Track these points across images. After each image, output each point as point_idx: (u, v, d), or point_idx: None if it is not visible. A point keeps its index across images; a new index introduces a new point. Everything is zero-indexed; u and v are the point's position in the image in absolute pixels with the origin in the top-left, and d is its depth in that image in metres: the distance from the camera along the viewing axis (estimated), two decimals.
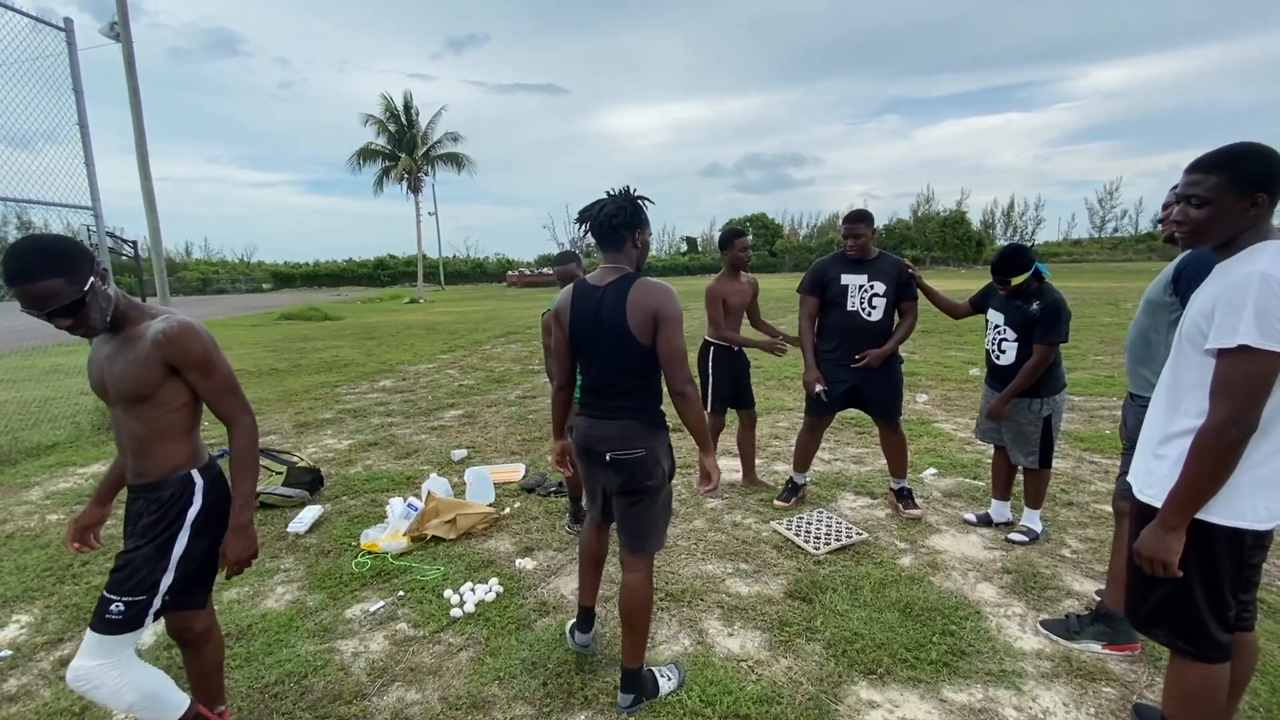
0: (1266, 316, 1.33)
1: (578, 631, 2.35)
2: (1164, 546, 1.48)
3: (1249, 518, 1.45)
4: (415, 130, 29.90)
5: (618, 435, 2.00)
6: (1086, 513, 3.54)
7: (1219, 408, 1.40)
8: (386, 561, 3.13)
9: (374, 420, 6.08)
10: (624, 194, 1.98)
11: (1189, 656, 1.57)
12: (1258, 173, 1.43)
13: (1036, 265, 2.97)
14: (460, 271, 53.24)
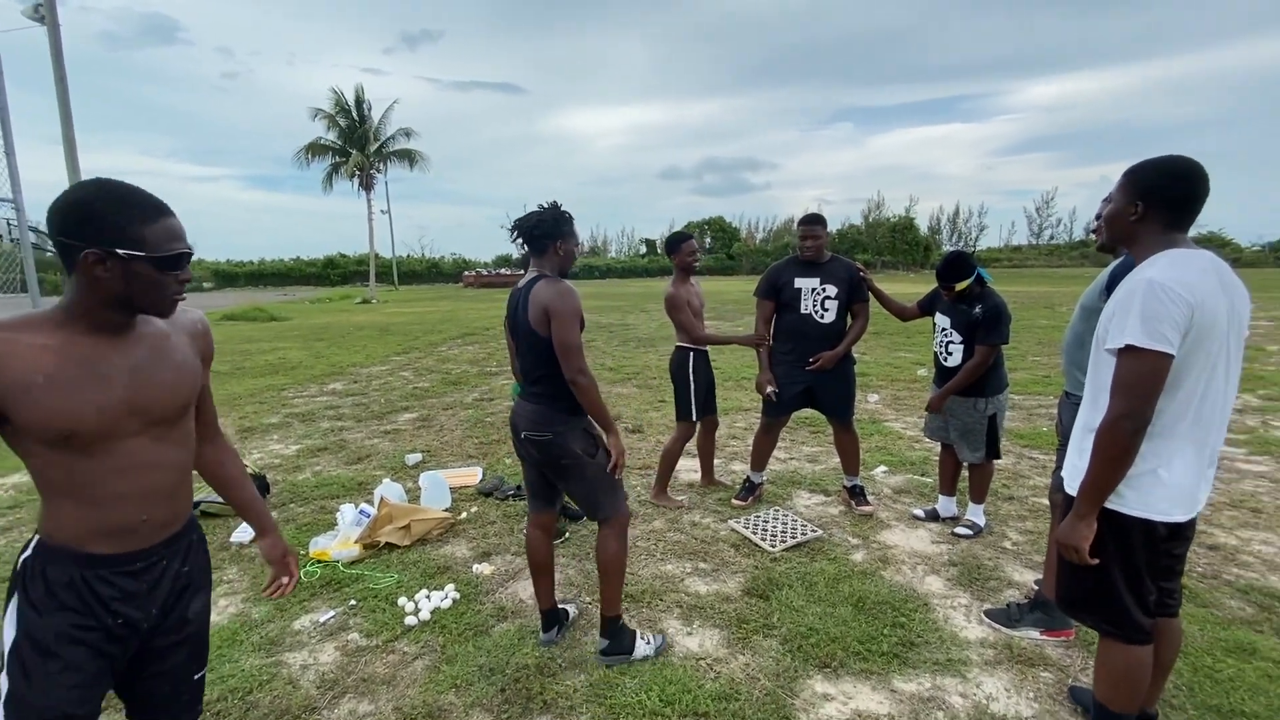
0: (1150, 319, 1.43)
1: (542, 633, 2.47)
2: (1075, 533, 1.59)
3: (1159, 511, 1.55)
4: (367, 125, 29.02)
5: (530, 417, 2.26)
6: (1025, 506, 3.71)
7: (1114, 404, 1.51)
8: (337, 570, 3.04)
9: (323, 424, 5.89)
10: (551, 207, 2.25)
11: (1115, 639, 1.67)
12: (1143, 183, 1.57)
13: (978, 271, 3.10)
14: (414, 271, 51.99)
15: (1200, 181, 1.55)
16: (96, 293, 1.13)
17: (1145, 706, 1.82)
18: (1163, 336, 1.43)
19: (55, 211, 1.10)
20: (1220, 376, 1.54)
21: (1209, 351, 1.49)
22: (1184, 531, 1.65)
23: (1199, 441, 1.56)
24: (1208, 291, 1.47)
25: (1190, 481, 1.57)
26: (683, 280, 3.72)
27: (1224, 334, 1.50)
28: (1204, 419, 1.55)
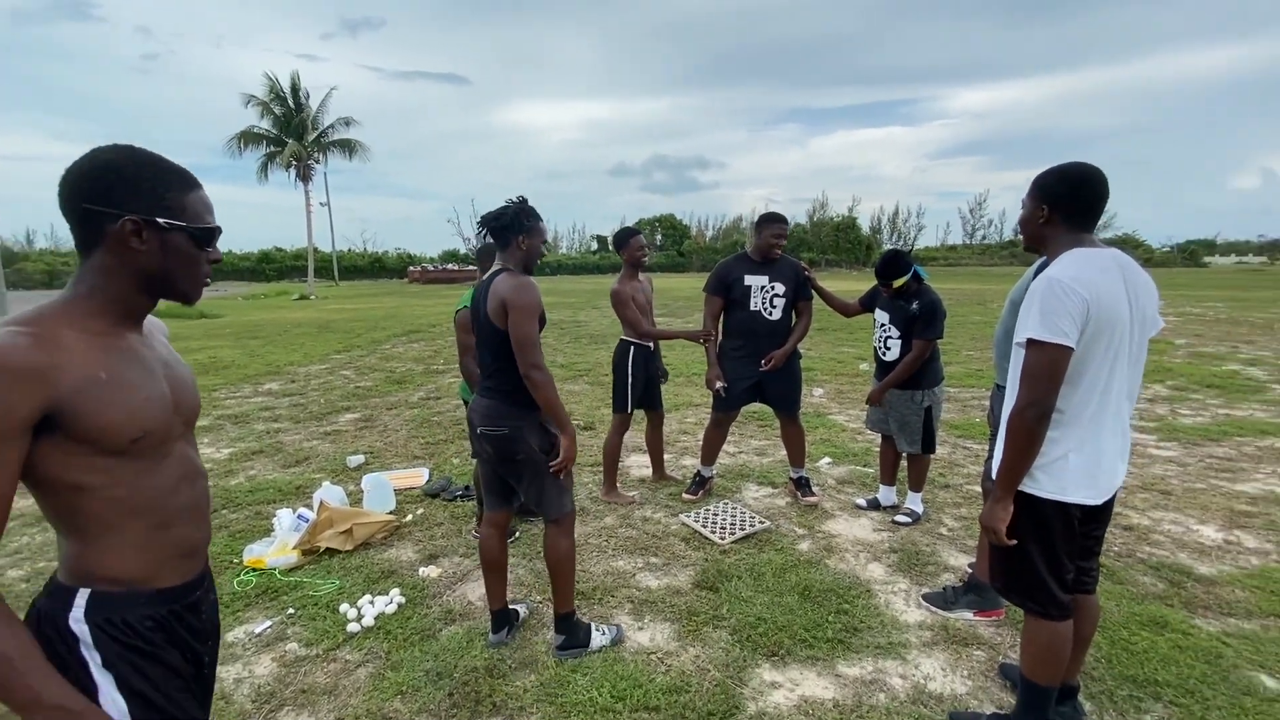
0: (1050, 313, 1.55)
1: (491, 634, 2.45)
2: (993, 516, 1.69)
3: (1072, 493, 1.66)
4: (304, 114, 27.76)
5: (486, 412, 2.25)
6: (960, 494, 3.89)
7: (1020, 393, 1.61)
8: (274, 578, 2.91)
9: (258, 426, 5.62)
10: (517, 201, 2.28)
11: (1038, 615, 1.77)
12: (1048, 189, 1.70)
13: (915, 269, 3.22)
14: (356, 267, 50.17)
15: (1099, 185, 1.67)
16: (128, 271, 0.97)
17: (1067, 679, 1.93)
18: (1060, 330, 1.54)
19: (79, 177, 0.94)
20: (1123, 366, 1.65)
21: (1110, 343, 1.60)
22: (1100, 514, 1.76)
23: (1107, 428, 1.66)
24: (1108, 286, 1.57)
25: (1101, 466, 1.67)
26: (630, 276, 3.72)
27: (1125, 327, 1.61)
28: (1110, 406, 1.65)
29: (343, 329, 13.21)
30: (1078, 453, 1.65)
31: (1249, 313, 14.11)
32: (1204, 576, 2.85)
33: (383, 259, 53.03)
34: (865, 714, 2.03)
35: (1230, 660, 2.25)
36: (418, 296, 25.47)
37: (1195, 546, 3.14)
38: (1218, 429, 5.11)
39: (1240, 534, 3.27)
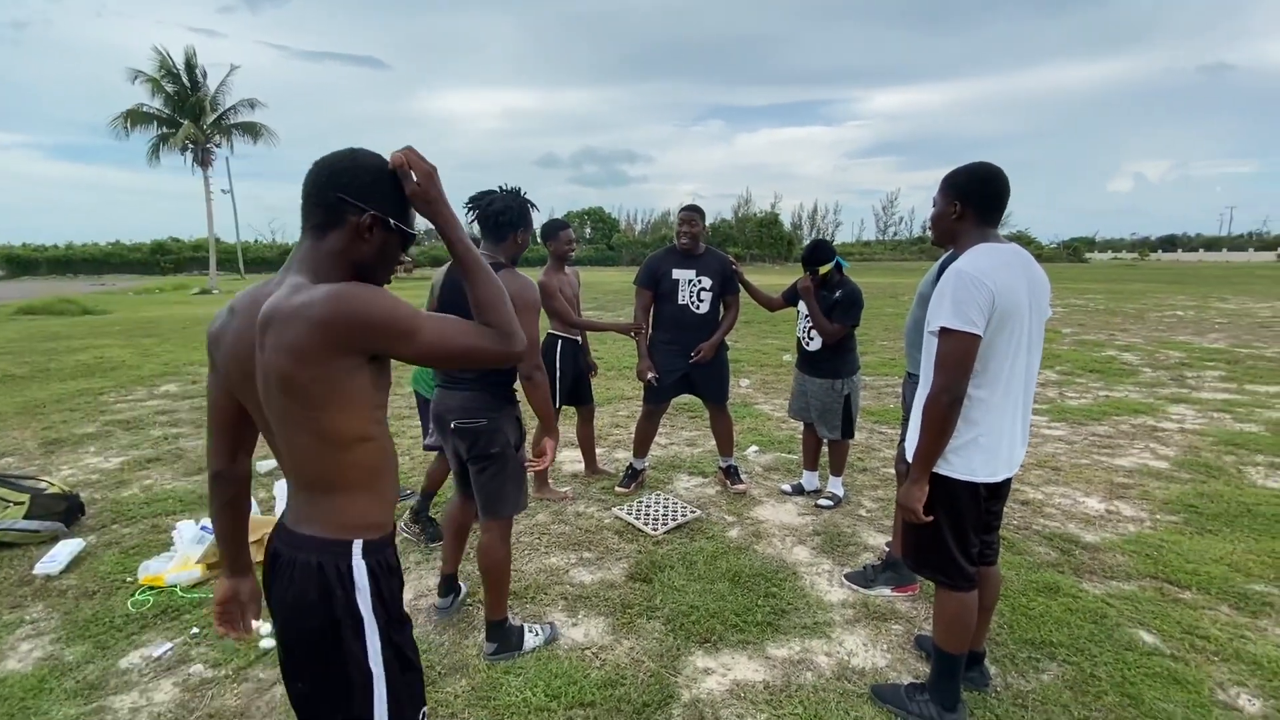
0: (960, 304, 1.65)
1: (437, 598, 2.54)
2: (910, 497, 1.79)
3: (979, 473, 1.78)
4: (201, 93, 25.58)
5: (463, 405, 2.20)
6: (877, 476, 4.09)
7: (934, 380, 1.72)
8: (174, 596, 2.69)
9: (154, 432, 5.17)
10: (515, 194, 2.22)
11: (947, 588, 1.89)
12: (960, 186, 1.81)
13: (838, 259, 3.35)
14: (265, 258, 46.91)
15: (1004, 183, 1.80)
16: (350, 256, 1.10)
17: (974, 646, 2.07)
18: (969, 319, 1.64)
19: (340, 170, 1.08)
20: (1024, 353, 1.77)
21: (1013, 331, 1.72)
22: (1001, 490, 1.90)
23: (1011, 410, 1.79)
24: (1010, 279, 1.69)
25: (1005, 447, 1.80)
26: (556, 269, 3.66)
27: (1026, 316, 1.73)
28: (1014, 390, 1.78)
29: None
30: (985, 435, 1.76)
31: (1123, 304, 15.61)
32: (1090, 544, 3.13)
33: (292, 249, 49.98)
34: (794, 693, 2.10)
35: (1113, 620, 2.48)
36: None
37: (1082, 517, 3.45)
38: (1099, 409, 5.63)
39: (1119, 504, 3.62)
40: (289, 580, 1.08)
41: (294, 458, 1.09)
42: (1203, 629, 2.41)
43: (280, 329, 1.00)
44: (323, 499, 1.09)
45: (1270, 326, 11.20)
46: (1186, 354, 8.45)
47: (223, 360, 1.12)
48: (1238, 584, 2.73)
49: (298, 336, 0.99)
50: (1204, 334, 10.34)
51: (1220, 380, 6.86)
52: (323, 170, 1.09)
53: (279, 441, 1.10)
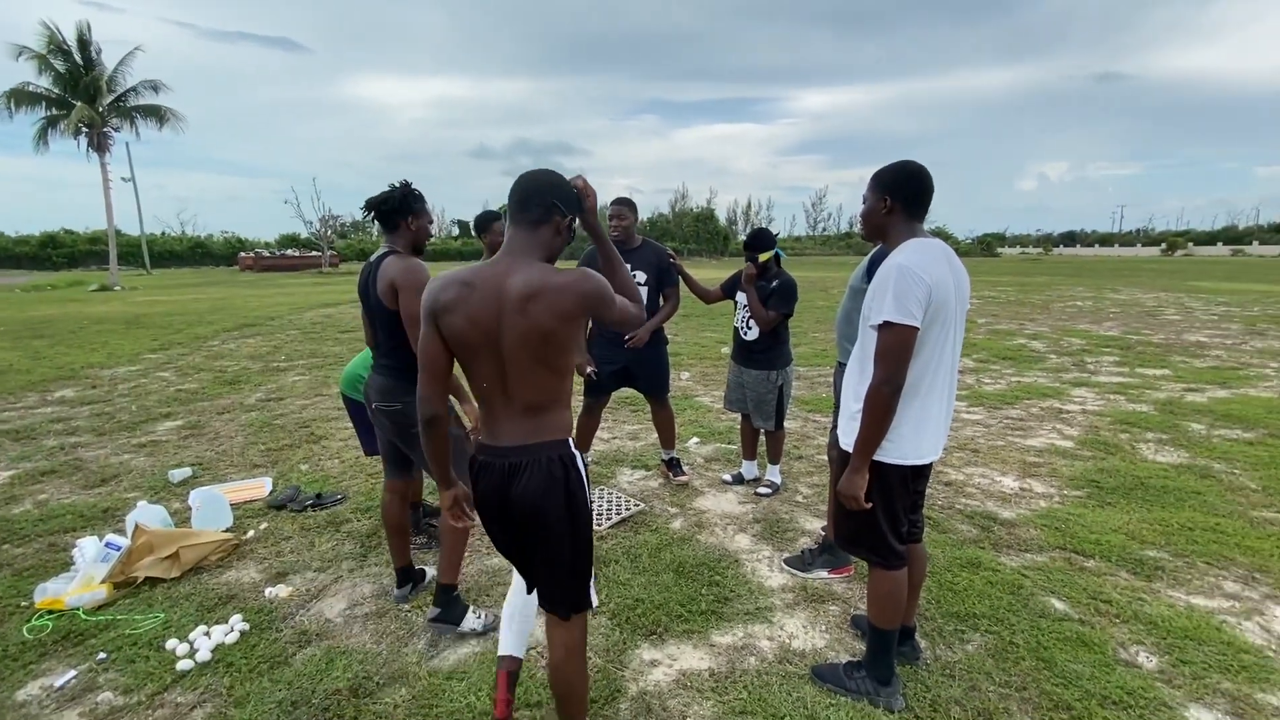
0: (901, 298, 1.72)
1: (395, 589, 2.63)
2: (852, 485, 1.86)
3: (910, 456, 1.87)
4: (96, 72, 23.38)
5: (380, 388, 2.37)
6: (812, 463, 4.23)
7: (877, 371, 1.78)
8: (77, 620, 2.47)
9: (48, 442, 4.73)
10: (402, 185, 2.34)
11: (880, 567, 1.98)
12: (889, 182, 1.88)
13: (777, 250, 3.44)
14: (173, 252, 43.71)
15: (929, 180, 1.89)
16: (550, 247, 1.54)
17: (905, 621, 2.18)
18: (909, 312, 1.71)
19: (558, 184, 1.55)
20: (951, 343, 1.86)
21: (943, 323, 1.80)
22: (925, 471, 2.00)
23: (939, 397, 1.88)
24: (941, 273, 1.77)
25: (932, 431, 1.89)
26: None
27: (953, 309, 1.82)
28: (941, 378, 1.87)
29: (157, 324, 11.49)
30: (916, 421, 1.85)
31: (1031, 295, 16.75)
32: (1006, 520, 3.34)
33: (206, 244, 46.84)
34: (739, 679, 2.14)
35: (1029, 590, 2.66)
36: (251, 286, 22.81)
37: (999, 495, 3.68)
38: (1011, 394, 6.02)
39: (1031, 482, 3.88)
40: (532, 475, 1.52)
41: (533, 389, 1.51)
42: (1105, 594, 2.62)
43: (552, 298, 1.43)
44: (547, 416, 1.55)
45: (1156, 315, 12.30)
46: (1086, 341, 9.15)
47: (458, 322, 1.46)
48: (1134, 551, 2.98)
49: (568, 303, 1.45)
50: (1100, 322, 11.23)
51: (1115, 364, 7.48)
52: (539, 182, 1.53)
53: (517, 379, 1.49)
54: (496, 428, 1.55)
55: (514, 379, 1.49)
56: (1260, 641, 2.33)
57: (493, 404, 1.54)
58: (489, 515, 1.60)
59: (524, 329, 1.43)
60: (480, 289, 1.46)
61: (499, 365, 1.48)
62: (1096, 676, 2.12)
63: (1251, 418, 5.11)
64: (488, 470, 1.56)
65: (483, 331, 1.45)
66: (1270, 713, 1.97)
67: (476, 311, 1.45)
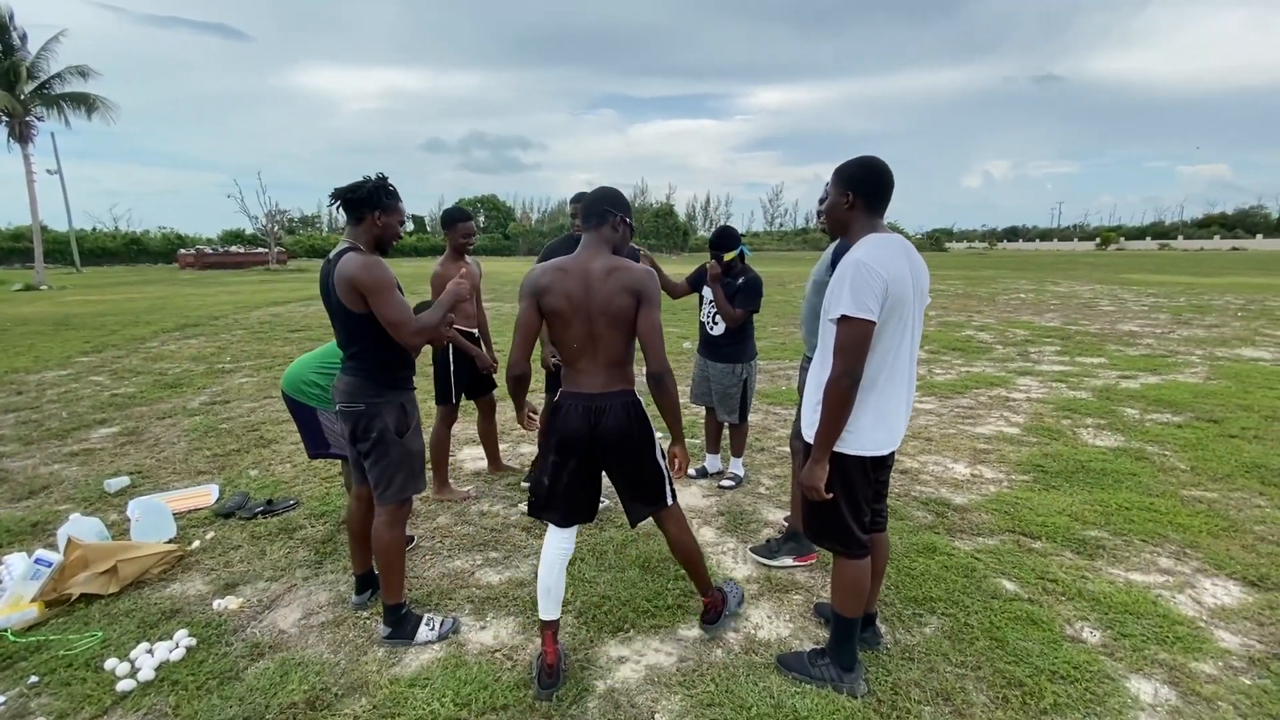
0: (858, 292, 1.75)
1: (354, 595, 2.58)
2: (813, 476, 1.89)
3: (870, 448, 1.90)
4: (17, 57, 21.85)
5: (344, 389, 2.27)
6: (774, 455, 4.29)
7: (835, 364, 1.81)
8: (4, 642, 2.32)
9: None
10: (377, 177, 2.23)
11: (844, 556, 2.02)
12: (852, 178, 1.91)
13: (741, 248, 3.47)
14: (106, 249, 41.35)
15: (889, 175, 1.91)
16: (614, 241, 2.07)
17: (867, 608, 2.23)
18: (866, 307, 1.74)
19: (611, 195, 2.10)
20: (909, 337, 1.90)
21: (900, 316, 1.84)
22: (887, 460, 2.04)
23: (897, 389, 1.92)
24: (900, 268, 1.80)
25: (892, 421, 1.93)
26: (453, 259, 3.49)
27: (911, 303, 1.86)
28: (900, 370, 1.91)
29: (90, 325, 10.86)
30: (876, 412, 1.88)
31: (978, 288, 17.40)
32: (959, 506, 3.46)
33: (142, 240, 44.46)
34: (705, 672, 2.15)
35: (981, 572, 2.76)
36: (192, 285, 21.79)
37: (952, 482, 3.81)
38: (961, 384, 6.23)
39: (981, 468, 4.03)
40: (614, 416, 2.03)
41: (610, 349, 2.01)
42: (1052, 573, 2.73)
43: (622, 276, 1.97)
44: (620, 370, 2.05)
45: (1092, 306, 12.93)
46: (1030, 332, 9.55)
47: (557, 299, 1.95)
48: (1077, 531, 3.12)
49: (631, 281, 1.97)
50: (1042, 313, 11.74)
51: (1056, 354, 7.82)
52: (596, 196, 2.08)
53: (599, 341, 1.99)
54: (581, 379, 2.01)
55: (597, 341, 1.97)
56: (1192, 613, 2.47)
57: (579, 361, 2.00)
58: (572, 448, 2.01)
59: (604, 299, 1.94)
60: (572, 273, 1.96)
61: (587, 329, 1.96)
62: (1045, 653, 2.21)
63: (1180, 402, 5.42)
64: (575, 412, 1.99)
65: (575, 304, 1.94)
66: (1204, 680, 2.09)
67: (571, 289, 1.94)
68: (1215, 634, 2.33)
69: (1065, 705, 1.98)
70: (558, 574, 2.12)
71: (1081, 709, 1.96)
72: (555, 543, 2.16)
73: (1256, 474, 3.82)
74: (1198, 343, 8.48)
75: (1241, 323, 10.27)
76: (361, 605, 2.54)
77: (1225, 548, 2.95)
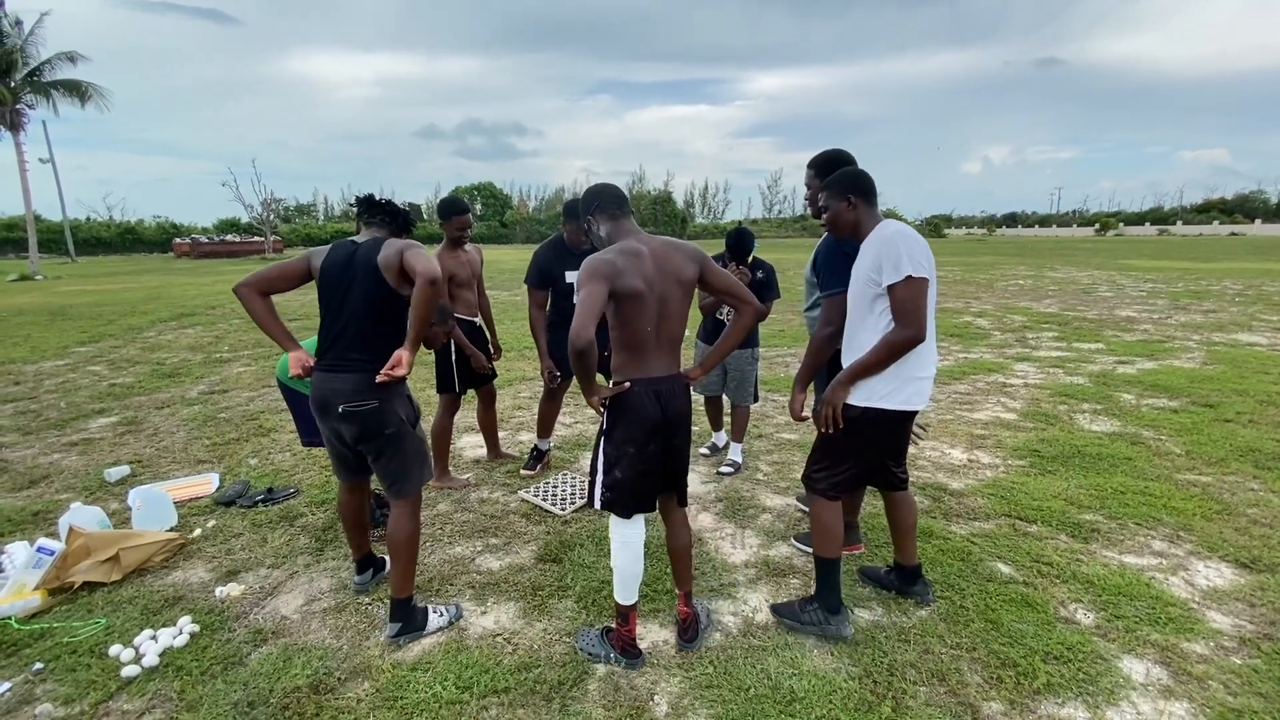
0: (913, 255, 1.94)
1: (355, 575, 2.58)
2: (834, 395, 2.12)
3: (879, 400, 2.08)
4: (8, 43, 21.62)
5: (353, 385, 2.14)
6: (772, 441, 4.31)
7: (906, 324, 1.96)
8: (8, 629, 2.34)
9: None
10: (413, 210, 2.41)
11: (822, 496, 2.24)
12: (846, 184, 2.12)
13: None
14: (100, 239, 41.03)
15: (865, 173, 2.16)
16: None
17: (905, 560, 2.43)
18: (922, 265, 1.95)
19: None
20: (932, 298, 2.07)
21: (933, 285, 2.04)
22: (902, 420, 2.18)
23: (931, 349, 2.10)
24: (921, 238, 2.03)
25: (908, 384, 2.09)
26: (450, 249, 3.46)
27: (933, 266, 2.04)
28: (931, 331, 2.08)
29: (86, 315, 10.82)
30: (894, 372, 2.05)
31: (976, 274, 17.37)
32: (955, 490, 3.48)
33: (137, 229, 44.11)
34: (704, 655, 2.18)
35: (977, 556, 2.78)
36: (189, 274, 21.69)
37: (948, 467, 3.83)
38: (959, 370, 6.25)
39: (978, 453, 4.05)
40: (680, 399, 2.08)
41: (674, 329, 2.04)
42: (1047, 557, 2.76)
43: (692, 250, 2.06)
44: (677, 353, 2.09)
45: (1090, 292, 12.93)
46: (1027, 318, 9.56)
47: (633, 280, 1.91)
48: (1072, 515, 3.15)
49: (701, 252, 2.09)
50: (1040, 300, 11.75)
51: (1054, 340, 7.84)
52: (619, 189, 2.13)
53: (666, 322, 2.01)
54: (649, 363, 2.02)
55: (664, 321, 2.00)
56: (1185, 595, 2.49)
57: (647, 346, 2.00)
58: (648, 431, 2.01)
59: (676, 270, 1.99)
60: (643, 255, 1.96)
61: (658, 310, 1.97)
62: (1039, 634, 2.24)
63: (1176, 387, 5.44)
64: (648, 397, 2.00)
65: (650, 283, 1.94)
66: (1195, 660, 2.12)
67: (646, 270, 1.94)
68: (1207, 615, 2.36)
69: (1058, 685, 2.00)
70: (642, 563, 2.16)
71: (1074, 689, 1.99)
72: (639, 531, 2.14)
73: (1250, 458, 3.84)
74: (1195, 328, 8.50)
75: (1239, 308, 10.29)
76: (363, 586, 2.55)
77: (1218, 530, 2.98)
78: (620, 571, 2.12)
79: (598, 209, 2.06)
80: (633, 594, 2.14)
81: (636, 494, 2.07)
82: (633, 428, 2.00)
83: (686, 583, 2.26)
